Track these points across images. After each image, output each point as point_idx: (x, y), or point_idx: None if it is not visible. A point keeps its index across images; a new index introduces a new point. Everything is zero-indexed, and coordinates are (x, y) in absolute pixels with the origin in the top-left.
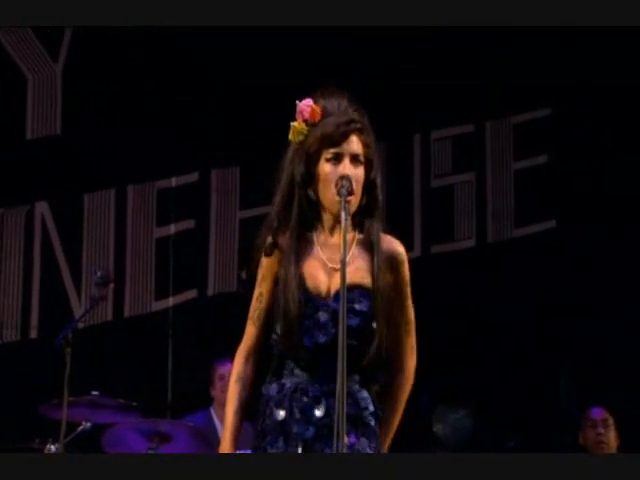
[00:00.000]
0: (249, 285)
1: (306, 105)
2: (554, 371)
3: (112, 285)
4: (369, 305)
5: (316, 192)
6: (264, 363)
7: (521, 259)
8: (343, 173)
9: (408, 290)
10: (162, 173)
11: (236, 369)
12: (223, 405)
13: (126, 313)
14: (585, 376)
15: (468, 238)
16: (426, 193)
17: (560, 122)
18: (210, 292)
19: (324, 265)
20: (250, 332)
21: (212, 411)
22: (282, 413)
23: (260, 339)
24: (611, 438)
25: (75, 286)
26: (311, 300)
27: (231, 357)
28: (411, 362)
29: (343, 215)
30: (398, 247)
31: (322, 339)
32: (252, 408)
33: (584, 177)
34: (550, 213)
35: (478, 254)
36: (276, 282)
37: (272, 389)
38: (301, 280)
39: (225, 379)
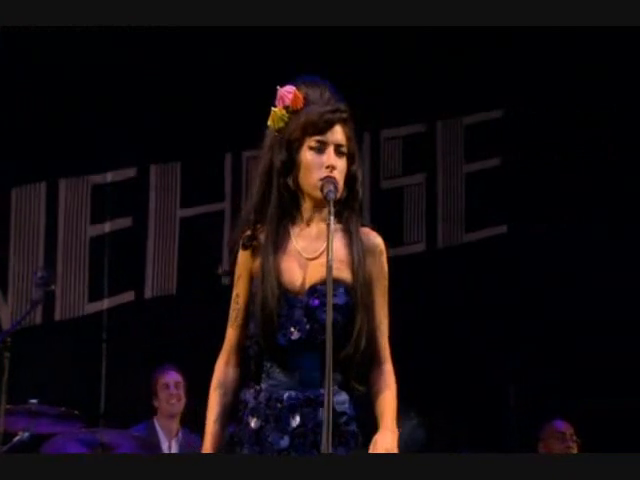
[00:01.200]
0: (226, 281)
1: (288, 91)
2: (505, 378)
3: (54, 287)
4: (347, 299)
5: (296, 180)
6: (246, 366)
7: (471, 264)
8: (328, 162)
9: (386, 283)
10: (97, 167)
11: (217, 375)
12: (168, 416)
13: (57, 316)
14: (536, 382)
15: (418, 242)
16: (375, 195)
17: (513, 124)
18: (148, 295)
19: (299, 256)
20: (230, 335)
21: (155, 422)
22: (257, 422)
23: (240, 341)
24: (575, 450)
25: (1, 287)
26: (286, 296)
27: (172, 365)
28: (390, 356)
29: (332, 220)
30: (376, 238)
31: (295, 336)
32: (234, 414)
33: (537, 181)
34: (501, 218)
35: (428, 258)
36: (251, 279)
37: (249, 395)
38: (278, 275)
39: (170, 388)
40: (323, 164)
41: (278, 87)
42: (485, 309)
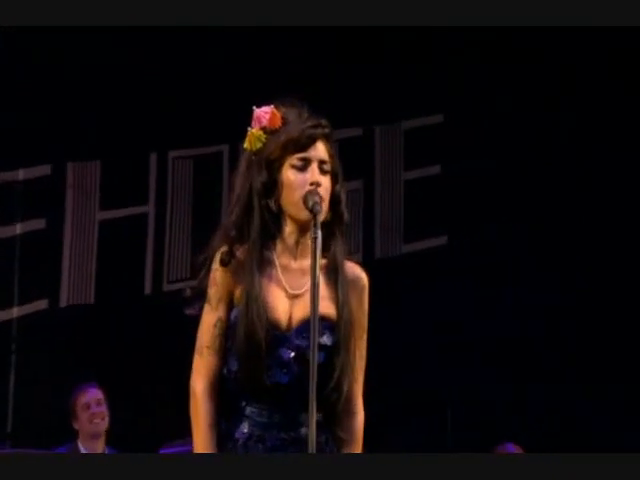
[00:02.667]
0: (195, 303)
1: (265, 112)
2: (444, 398)
3: None
4: (333, 339)
5: (278, 202)
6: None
7: (410, 276)
8: (313, 180)
9: (366, 321)
10: (8, 164)
11: (205, 412)
12: (92, 436)
13: None
14: (476, 403)
15: (354, 252)
16: None
17: (454, 130)
18: (63, 303)
19: (285, 291)
20: (210, 363)
21: (79, 444)
22: None
23: (220, 370)
24: None
25: None
26: (271, 333)
27: (91, 382)
28: (362, 403)
29: (319, 235)
30: (361, 273)
31: (284, 379)
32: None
33: (479, 190)
34: (442, 228)
35: (365, 270)
36: (232, 303)
37: (221, 430)
38: (265, 307)
39: (92, 407)
40: (307, 181)
41: (254, 107)
42: (423, 324)
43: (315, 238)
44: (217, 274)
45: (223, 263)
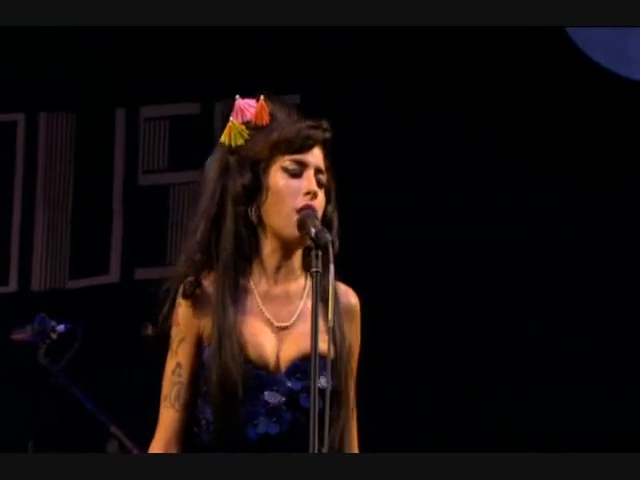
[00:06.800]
0: (156, 344)
1: (249, 104)
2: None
3: None
4: (333, 382)
5: (259, 211)
6: None
7: None
8: (309, 188)
9: (357, 354)
10: None
11: None
12: None
13: None
14: None
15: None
16: (131, 194)
17: (310, 111)
18: None
19: (268, 324)
20: (169, 418)
21: None
22: None
23: (183, 425)
24: None
25: None
26: (255, 375)
27: None
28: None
29: (331, 269)
30: (354, 298)
31: (274, 429)
32: None
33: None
34: None
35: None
36: (199, 344)
37: None
38: (243, 343)
39: None
40: (301, 190)
41: (237, 97)
42: None
43: (317, 272)
44: (180, 310)
45: (185, 295)
